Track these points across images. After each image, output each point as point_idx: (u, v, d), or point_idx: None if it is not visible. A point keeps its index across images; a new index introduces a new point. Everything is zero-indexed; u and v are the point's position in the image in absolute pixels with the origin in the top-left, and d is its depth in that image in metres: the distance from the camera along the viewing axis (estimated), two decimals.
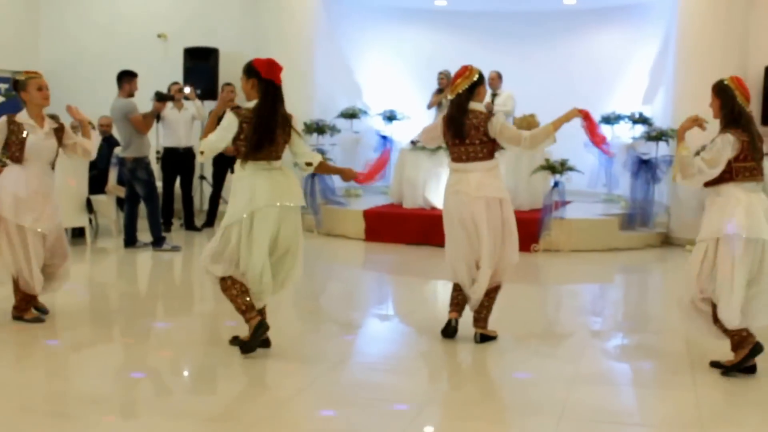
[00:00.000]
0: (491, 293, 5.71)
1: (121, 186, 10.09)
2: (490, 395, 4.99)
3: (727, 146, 4.91)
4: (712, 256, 5.04)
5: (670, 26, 11.37)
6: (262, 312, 5.26)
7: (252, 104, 5.13)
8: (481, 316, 5.72)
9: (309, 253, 9.44)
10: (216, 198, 11.17)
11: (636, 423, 4.48)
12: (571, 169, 9.77)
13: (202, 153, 5.18)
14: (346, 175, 5.76)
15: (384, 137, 12.81)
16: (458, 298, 5.78)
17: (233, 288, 5.13)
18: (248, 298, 5.13)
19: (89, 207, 9.57)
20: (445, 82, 11.32)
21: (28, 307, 5.96)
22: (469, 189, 5.55)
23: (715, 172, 4.96)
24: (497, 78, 11.39)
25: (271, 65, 5.17)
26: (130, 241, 9.28)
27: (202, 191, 11.73)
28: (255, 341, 5.10)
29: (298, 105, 11.29)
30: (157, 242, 9.17)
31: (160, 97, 9.31)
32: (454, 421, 4.47)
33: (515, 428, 4.45)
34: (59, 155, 6.17)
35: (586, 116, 6.02)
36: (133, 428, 4.22)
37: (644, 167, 10.63)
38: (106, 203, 9.99)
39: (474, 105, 5.67)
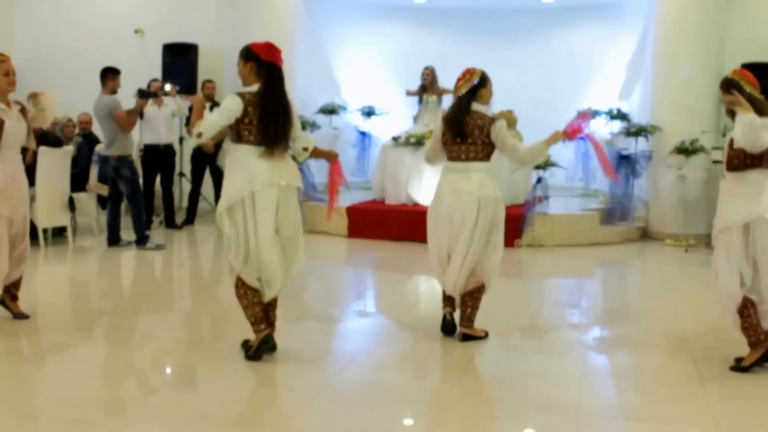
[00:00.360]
0: (475, 293, 5.71)
1: (102, 184, 9.99)
2: (498, 392, 4.98)
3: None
4: (741, 240, 5.04)
5: (647, 24, 11.47)
6: (273, 306, 5.21)
7: (253, 88, 4.99)
8: (465, 315, 5.72)
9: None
10: (195, 195, 11.08)
11: (648, 418, 4.48)
12: (553, 165, 9.82)
13: (199, 135, 4.89)
14: (330, 157, 5.69)
15: (363, 133, 12.80)
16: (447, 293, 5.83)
17: (245, 297, 5.03)
18: (258, 310, 5.04)
19: (71, 205, 9.44)
20: (430, 78, 11.35)
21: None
22: (471, 188, 5.55)
23: None
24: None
25: (271, 47, 5.08)
26: (114, 239, 9.14)
27: (182, 189, 11.65)
28: (260, 352, 5.06)
29: None
30: (141, 241, 9.06)
31: (143, 94, 9.17)
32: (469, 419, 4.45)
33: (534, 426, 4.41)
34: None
35: (595, 144, 6.15)
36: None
37: (624, 162, 10.74)
38: (87, 201, 9.87)
39: (477, 106, 5.71)
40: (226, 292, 6.63)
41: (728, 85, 5.04)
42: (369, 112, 12.60)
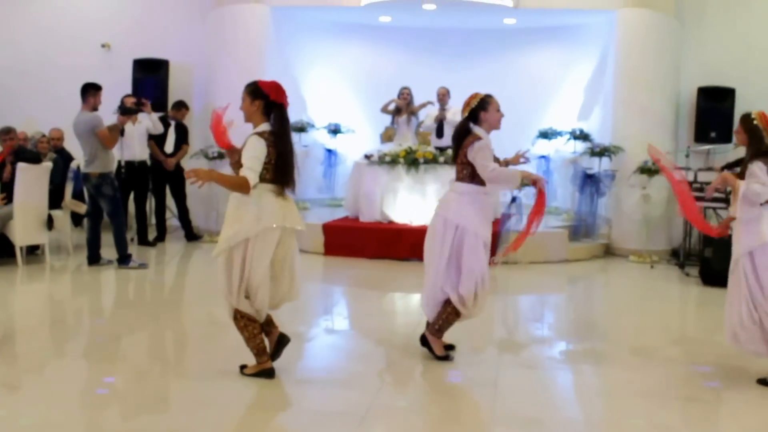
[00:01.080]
0: (446, 305, 5.79)
1: (77, 201, 9.83)
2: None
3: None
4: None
5: (607, 48, 11.79)
6: (271, 325, 5.31)
7: (264, 127, 5.02)
8: (432, 323, 5.84)
9: None
10: (162, 211, 11.00)
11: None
12: (527, 184, 10.01)
13: (254, 186, 4.91)
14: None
15: (329, 150, 12.83)
16: None
17: (246, 329, 5.11)
18: (260, 341, 5.16)
19: (50, 223, 9.23)
20: (408, 99, 11.48)
21: None
22: (441, 206, 5.83)
23: None
24: (446, 94, 11.56)
25: (279, 88, 5.10)
26: (94, 258, 8.96)
27: (151, 205, 11.54)
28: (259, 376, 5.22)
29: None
30: (124, 260, 8.91)
31: (125, 111, 9.07)
32: None
33: None
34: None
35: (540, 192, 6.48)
36: None
37: (589, 181, 11.03)
38: (61, 219, 9.65)
39: (476, 129, 5.84)
40: (204, 312, 6.74)
41: (749, 128, 5.41)
42: (335, 130, 12.64)
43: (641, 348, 6.51)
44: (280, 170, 4.99)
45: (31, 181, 8.85)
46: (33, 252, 9.39)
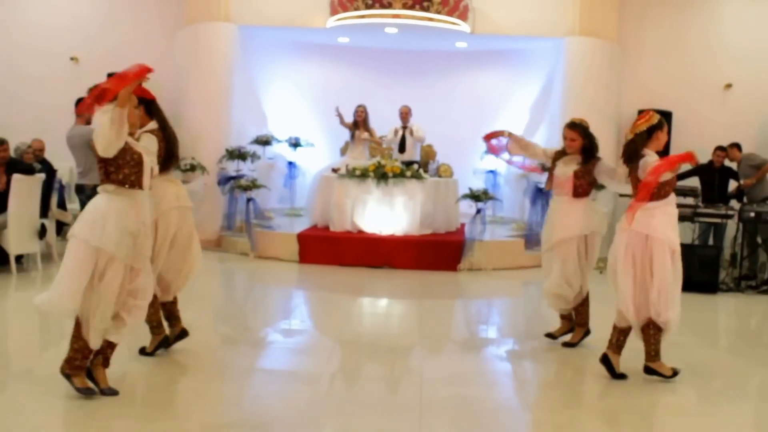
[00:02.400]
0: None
1: (62, 210, 10.05)
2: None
3: None
4: None
5: (554, 71, 12.61)
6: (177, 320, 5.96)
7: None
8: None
9: (247, 275, 9.90)
10: None
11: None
12: (491, 197, 10.74)
13: None
14: None
15: (290, 163, 13.27)
16: None
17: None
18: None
19: (42, 232, 9.40)
20: (363, 115, 12.03)
21: None
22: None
23: None
24: (408, 112, 12.18)
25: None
26: None
27: None
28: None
29: (217, 131, 11.79)
30: None
31: None
32: None
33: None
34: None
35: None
36: None
37: (540, 194, 11.78)
38: (49, 228, 9.73)
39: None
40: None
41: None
42: (296, 143, 13.06)
43: (589, 343, 6.79)
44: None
45: (24, 192, 9.00)
46: (18, 261, 9.36)
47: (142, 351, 5.83)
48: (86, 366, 4.84)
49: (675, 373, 5.75)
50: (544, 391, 5.83)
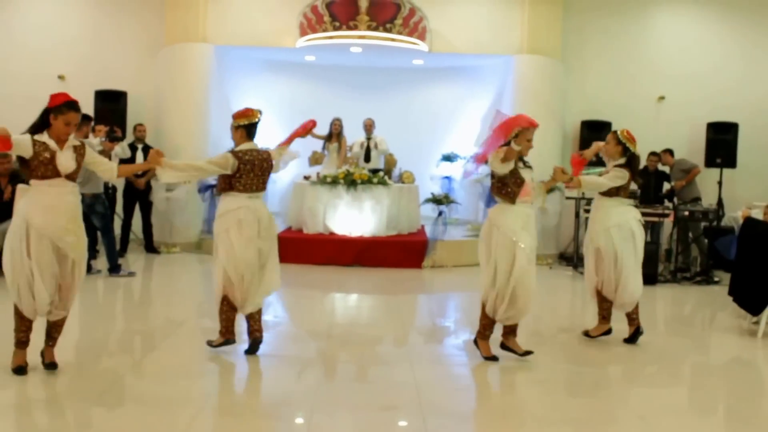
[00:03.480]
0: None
1: None
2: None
3: None
4: None
5: (503, 85, 13.63)
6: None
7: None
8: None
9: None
10: (127, 228, 11.97)
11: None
12: (452, 201, 11.79)
13: None
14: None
15: None
16: None
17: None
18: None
19: None
20: (338, 128, 12.96)
21: None
22: None
23: None
24: (372, 124, 13.17)
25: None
26: (86, 268, 9.97)
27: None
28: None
29: (196, 143, 12.61)
30: (115, 269, 9.92)
31: (112, 138, 10.16)
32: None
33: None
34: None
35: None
36: None
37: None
38: None
39: None
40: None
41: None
42: None
43: (536, 331, 7.58)
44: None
45: None
46: None
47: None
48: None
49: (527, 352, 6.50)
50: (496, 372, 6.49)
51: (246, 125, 6.43)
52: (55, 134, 5.63)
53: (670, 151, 12.58)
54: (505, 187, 6.34)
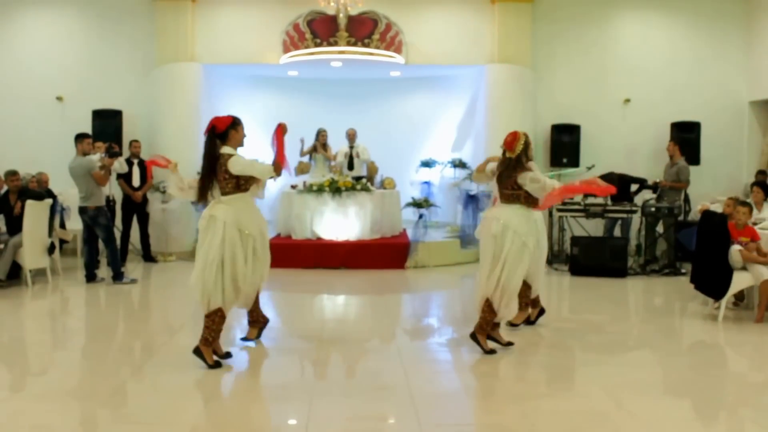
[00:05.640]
0: None
1: (63, 229, 11.25)
2: None
3: None
4: None
5: (477, 93, 14.10)
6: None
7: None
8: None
9: None
10: (126, 239, 12.30)
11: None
12: (432, 205, 12.26)
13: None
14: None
15: None
16: None
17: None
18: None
19: (51, 249, 10.53)
20: (325, 138, 13.41)
21: None
22: None
23: None
24: (354, 134, 13.63)
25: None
26: (91, 277, 10.32)
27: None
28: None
29: (188, 157, 12.93)
30: (118, 276, 10.27)
31: (111, 154, 10.51)
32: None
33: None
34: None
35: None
36: None
37: (471, 200, 13.27)
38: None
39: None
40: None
41: None
42: None
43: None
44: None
45: (36, 215, 10.13)
46: (16, 276, 10.24)
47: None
48: None
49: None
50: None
51: None
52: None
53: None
54: (531, 196, 6.66)
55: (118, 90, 13.64)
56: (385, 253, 12.05)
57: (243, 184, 6.32)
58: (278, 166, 6.29)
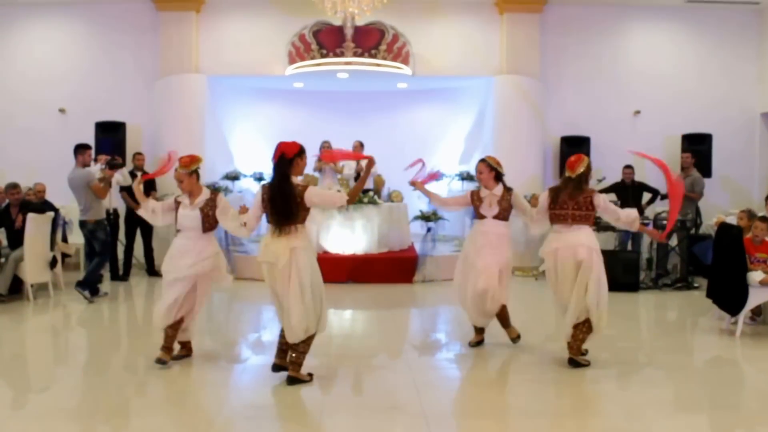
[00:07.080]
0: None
1: (65, 243, 11.11)
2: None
3: None
4: None
5: (485, 105, 14.02)
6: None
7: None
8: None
9: (228, 294, 10.64)
10: (129, 253, 12.20)
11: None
12: (440, 218, 12.10)
13: None
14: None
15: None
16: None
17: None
18: None
19: (53, 263, 10.41)
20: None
21: None
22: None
23: None
24: (360, 146, 13.50)
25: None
26: (94, 291, 10.17)
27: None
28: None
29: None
30: (82, 285, 9.92)
31: (112, 166, 10.39)
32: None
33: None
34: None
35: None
36: None
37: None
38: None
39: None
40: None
41: None
42: (260, 178, 14.21)
43: (525, 340, 7.74)
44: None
45: (37, 228, 10.00)
46: (18, 291, 10.15)
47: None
48: None
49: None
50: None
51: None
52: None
53: (630, 167, 12.70)
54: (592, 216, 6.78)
55: (122, 102, 13.57)
56: (392, 267, 11.91)
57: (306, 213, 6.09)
58: (353, 197, 6.24)
